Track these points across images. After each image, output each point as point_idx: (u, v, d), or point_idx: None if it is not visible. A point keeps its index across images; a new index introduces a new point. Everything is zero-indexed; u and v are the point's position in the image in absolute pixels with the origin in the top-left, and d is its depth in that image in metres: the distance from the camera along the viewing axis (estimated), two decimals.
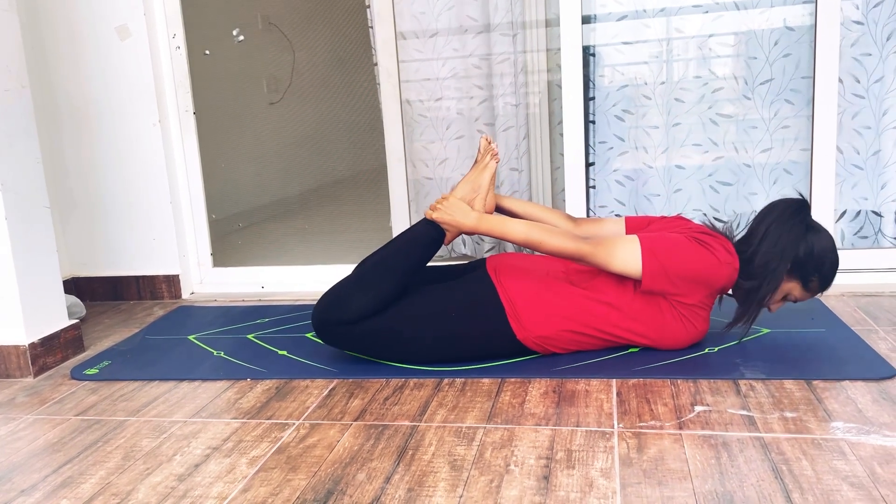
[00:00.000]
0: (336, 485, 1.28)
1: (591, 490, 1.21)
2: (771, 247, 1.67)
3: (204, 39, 3.26)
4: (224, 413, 1.62)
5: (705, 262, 1.65)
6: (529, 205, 1.97)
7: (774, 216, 1.71)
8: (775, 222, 1.70)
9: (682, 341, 1.74)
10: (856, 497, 1.15)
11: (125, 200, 2.58)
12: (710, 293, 1.70)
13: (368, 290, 1.76)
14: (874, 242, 2.33)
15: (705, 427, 1.40)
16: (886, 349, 1.73)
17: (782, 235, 1.68)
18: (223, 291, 2.64)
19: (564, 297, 1.73)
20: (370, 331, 1.76)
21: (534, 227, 1.72)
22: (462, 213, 1.77)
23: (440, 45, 2.50)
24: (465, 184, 1.86)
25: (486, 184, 1.85)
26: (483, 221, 1.76)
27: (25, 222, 1.94)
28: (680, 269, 1.65)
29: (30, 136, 1.98)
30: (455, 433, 1.44)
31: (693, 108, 2.38)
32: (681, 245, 1.67)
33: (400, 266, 1.79)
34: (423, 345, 1.77)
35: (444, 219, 1.78)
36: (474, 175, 1.86)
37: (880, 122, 2.26)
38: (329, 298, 1.79)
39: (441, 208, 1.78)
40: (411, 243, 1.82)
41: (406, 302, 1.77)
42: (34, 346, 1.93)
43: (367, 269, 1.82)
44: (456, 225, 1.77)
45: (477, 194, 1.84)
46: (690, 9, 2.33)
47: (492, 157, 1.86)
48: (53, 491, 1.33)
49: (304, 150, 4.51)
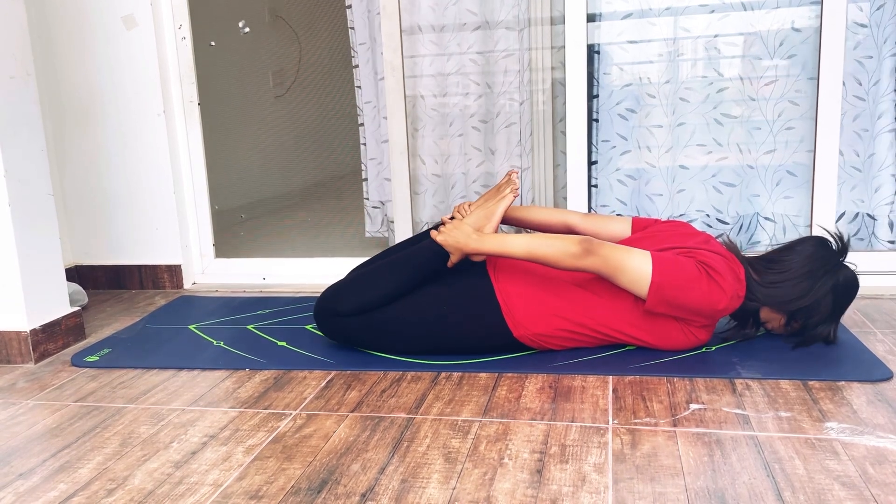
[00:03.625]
0: (331, 475, 1.29)
1: (584, 484, 1.22)
2: (797, 282, 1.67)
3: (210, 31, 3.27)
4: (222, 402, 1.63)
5: (712, 297, 1.63)
6: (540, 210, 2.00)
7: (811, 252, 1.70)
8: (811, 260, 1.69)
9: (682, 347, 1.75)
10: (847, 497, 1.15)
11: (129, 190, 2.59)
12: (712, 320, 1.71)
13: (365, 293, 1.80)
14: (868, 245, 2.33)
15: (700, 425, 1.40)
16: (884, 351, 1.73)
17: (812, 276, 1.67)
18: (225, 282, 2.65)
19: (561, 296, 1.73)
20: (368, 324, 1.80)
21: (535, 243, 1.70)
22: (465, 235, 1.78)
23: (445, 40, 2.50)
24: (479, 210, 1.86)
25: (499, 214, 1.85)
26: (484, 243, 1.77)
27: (29, 210, 1.95)
28: (685, 301, 1.63)
29: (34, 124, 1.99)
30: (450, 426, 1.45)
31: (698, 107, 2.38)
32: (691, 279, 1.62)
33: (400, 277, 1.81)
34: (419, 339, 1.79)
35: (448, 241, 1.79)
36: (490, 204, 1.86)
37: (875, 125, 2.26)
38: (329, 293, 1.85)
39: (446, 231, 1.81)
40: (415, 259, 1.84)
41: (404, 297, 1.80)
42: (35, 333, 1.95)
43: (369, 272, 1.85)
44: (459, 248, 1.79)
45: (488, 222, 1.84)
46: (696, 8, 2.33)
47: (511, 191, 1.85)
48: (51, 475, 1.34)
49: (308, 144, 4.52)
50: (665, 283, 1.62)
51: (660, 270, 1.62)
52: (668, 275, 1.62)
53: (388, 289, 1.79)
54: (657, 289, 1.63)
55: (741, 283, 1.66)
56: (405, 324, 1.78)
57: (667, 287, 1.62)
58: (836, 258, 1.70)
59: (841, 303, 1.70)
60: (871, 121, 2.26)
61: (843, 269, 1.69)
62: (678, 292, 1.63)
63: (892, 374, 1.59)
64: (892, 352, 1.73)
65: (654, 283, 1.62)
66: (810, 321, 1.71)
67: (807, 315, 1.70)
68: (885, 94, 2.23)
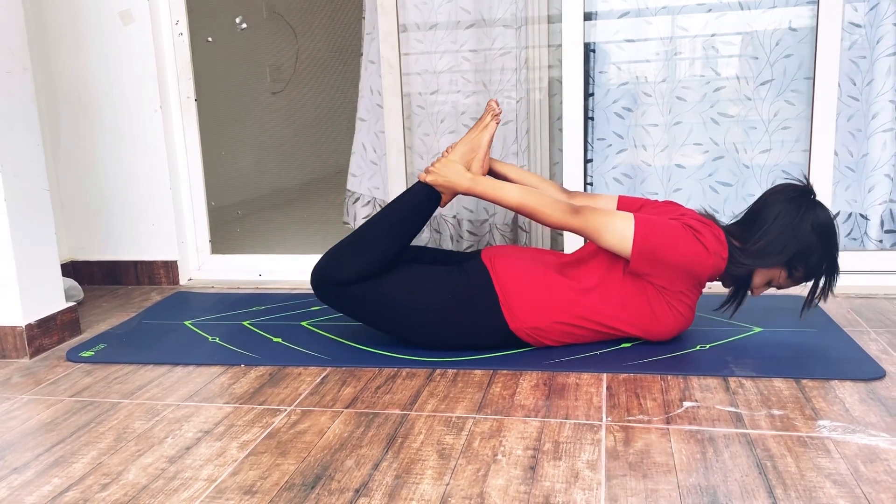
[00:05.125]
0: (324, 470, 1.29)
1: (577, 481, 1.22)
2: (778, 234, 1.66)
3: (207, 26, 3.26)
4: (217, 398, 1.63)
5: (694, 253, 1.65)
6: (524, 172, 1.96)
7: (782, 203, 1.69)
8: (783, 210, 1.67)
9: (670, 329, 1.75)
10: (838, 494, 1.16)
11: (125, 186, 2.59)
12: (694, 283, 1.71)
13: (365, 252, 1.76)
14: (861, 245, 2.34)
15: (693, 422, 1.41)
16: (877, 350, 1.74)
17: (791, 223, 1.66)
18: (221, 278, 2.65)
19: (556, 289, 1.74)
20: (365, 295, 1.76)
21: (529, 193, 1.71)
22: (456, 174, 1.76)
23: (440, 37, 2.50)
24: (463, 144, 1.83)
25: (485, 144, 1.82)
26: (478, 183, 1.75)
27: (24, 205, 1.95)
28: (669, 256, 1.65)
29: (30, 118, 1.98)
30: (445, 422, 1.45)
31: (694, 106, 2.38)
32: (675, 233, 1.66)
33: (396, 228, 1.79)
34: (415, 318, 1.76)
35: (438, 181, 1.76)
36: (474, 135, 1.84)
37: (869, 125, 2.26)
38: (327, 259, 1.80)
39: (434, 170, 1.77)
40: (407, 205, 1.81)
41: (404, 270, 1.78)
42: (31, 328, 1.95)
43: (363, 230, 1.81)
44: (450, 186, 1.76)
45: (475, 154, 1.81)
46: (693, 7, 2.33)
47: (493, 118, 1.83)
48: (46, 469, 1.35)
49: (305, 140, 4.51)
50: (648, 236, 1.64)
51: (642, 225, 1.65)
52: (651, 230, 1.65)
53: (386, 244, 1.76)
54: (640, 240, 1.64)
55: (723, 245, 1.67)
56: (404, 303, 1.75)
57: (650, 240, 1.64)
58: (806, 197, 1.70)
59: (827, 236, 1.68)
60: (864, 121, 2.27)
61: (816, 205, 1.69)
62: (662, 248, 1.64)
63: (884, 372, 1.60)
64: (885, 351, 1.74)
65: (638, 236, 1.64)
66: (810, 262, 1.68)
67: (804, 259, 1.68)
68: (879, 95, 2.24)
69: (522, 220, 2.51)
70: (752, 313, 2.00)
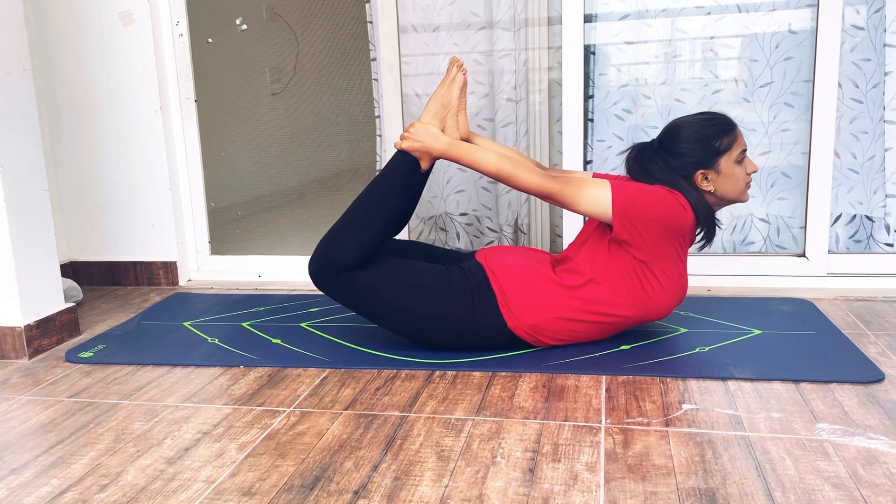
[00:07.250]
0: (323, 472, 1.29)
1: (576, 483, 1.22)
2: (668, 176, 1.71)
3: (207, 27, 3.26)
4: (216, 399, 1.63)
5: (676, 206, 1.66)
6: (504, 147, 1.96)
7: (639, 164, 1.76)
8: (647, 166, 1.74)
9: (666, 302, 1.74)
10: (836, 497, 1.16)
11: (124, 186, 2.59)
12: (676, 242, 1.71)
13: (360, 230, 1.75)
14: (866, 247, 2.34)
15: (692, 425, 1.41)
16: (876, 353, 1.74)
17: (663, 168, 1.73)
18: (220, 279, 2.65)
19: (551, 285, 1.74)
20: (363, 286, 1.74)
21: (505, 158, 1.71)
22: (431, 136, 1.74)
23: (441, 39, 2.51)
24: (434, 102, 1.81)
25: (456, 98, 1.80)
26: (453, 147, 1.73)
27: (24, 205, 1.95)
28: (650, 212, 1.65)
29: (30, 119, 1.98)
30: (444, 424, 1.45)
31: (694, 109, 2.38)
32: (651, 190, 1.68)
33: (386, 200, 1.77)
34: (411, 312, 1.74)
35: (413, 146, 1.74)
36: (442, 91, 1.82)
37: (877, 127, 2.27)
38: (324, 244, 1.79)
39: (408, 135, 1.74)
40: (388, 177, 1.80)
41: (405, 263, 1.78)
42: (30, 328, 1.95)
43: (351, 211, 1.80)
44: (426, 150, 1.74)
45: (448, 111, 1.80)
46: (693, 10, 2.33)
47: (458, 69, 1.81)
48: (44, 470, 1.35)
49: (305, 141, 4.51)
50: (625, 195, 1.66)
51: (618, 187, 1.67)
52: (627, 189, 1.67)
53: (378, 219, 1.74)
54: (619, 198, 1.65)
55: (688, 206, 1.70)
56: (401, 296, 1.74)
57: (628, 197, 1.65)
58: (639, 145, 1.80)
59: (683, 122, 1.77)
60: (870, 123, 2.27)
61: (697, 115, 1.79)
62: (639, 201, 1.65)
63: (883, 375, 1.60)
64: (884, 353, 1.74)
65: (616, 196, 1.65)
66: (686, 145, 1.73)
67: (681, 148, 1.73)
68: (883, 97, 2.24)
69: (522, 222, 2.51)
70: (751, 316, 2.00)
